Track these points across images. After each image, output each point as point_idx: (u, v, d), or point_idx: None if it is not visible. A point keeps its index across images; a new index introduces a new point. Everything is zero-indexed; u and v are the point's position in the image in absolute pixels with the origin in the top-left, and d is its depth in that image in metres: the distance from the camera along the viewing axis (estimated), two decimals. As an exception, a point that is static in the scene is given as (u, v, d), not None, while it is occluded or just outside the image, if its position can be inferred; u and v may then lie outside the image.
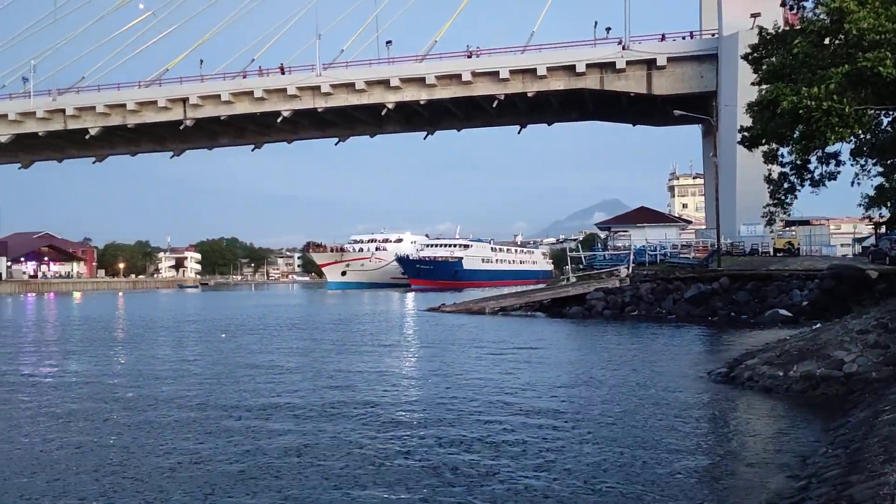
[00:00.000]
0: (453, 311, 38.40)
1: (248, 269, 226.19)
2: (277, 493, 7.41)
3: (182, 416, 11.45)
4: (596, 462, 8.41)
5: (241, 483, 7.77)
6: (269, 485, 7.70)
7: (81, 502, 7.26)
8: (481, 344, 22.14)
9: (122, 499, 7.36)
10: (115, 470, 8.36)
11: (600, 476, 7.85)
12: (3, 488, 7.75)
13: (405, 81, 55.17)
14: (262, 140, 66.83)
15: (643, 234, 48.36)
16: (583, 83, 52.49)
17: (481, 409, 11.69)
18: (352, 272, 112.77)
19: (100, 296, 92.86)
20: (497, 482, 7.67)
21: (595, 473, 7.95)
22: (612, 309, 32.64)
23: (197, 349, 22.22)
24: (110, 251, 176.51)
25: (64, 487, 7.73)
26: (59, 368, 17.89)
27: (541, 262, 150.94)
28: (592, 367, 16.64)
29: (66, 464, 8.67)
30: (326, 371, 16.47)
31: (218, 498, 7.33)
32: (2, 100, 62.68)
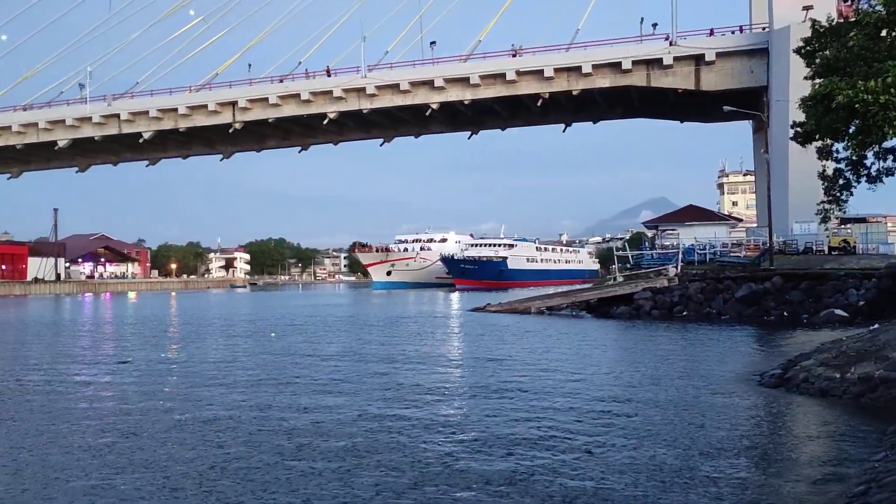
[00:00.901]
0: (498, 311, 38.34)
1: (296, 270, 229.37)
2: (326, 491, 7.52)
3: (235, 413, 11.68)
4: (646, 465, 8.32)
5: (295, 481, 7.90)
6: (321, 484, 7.82)
7: (138, 492, 7.48)
8: (528, 344, 22.09)
9: (174, 492, 7.56)
10: (169, 464, 8.59)
11: (650, 479, 7.77)
12: (71, 477, 8.02)
13: (449, 82, 55.28)
14: (309, 142, 67.73)
15: (692, 232, 47.60)
16: (629, 80, 51.87)
17: (530, 410, 11.66)
18: (397, 272, 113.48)
19: (153, 296, 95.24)
20: (547, 483, 7.65)
21: (645, 476, 7.87)
22: (661, 309, 32.21)
23: (248, 348, 22.63)
24: (163, 252, 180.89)
25: (129, 480, 7.97)
26: (120, 366, 18.39)
27: (586, 262, 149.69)
28: (641, 368, 16.46)
29: (126, 457, 8.93)
30: (375, 370, 16.62)
31: (281, 492, 7.47)
32: (59, 106, 64.67)
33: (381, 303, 59.52)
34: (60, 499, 7.49)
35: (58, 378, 16.33)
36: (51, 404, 12.92)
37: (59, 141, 63.62)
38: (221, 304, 64.15)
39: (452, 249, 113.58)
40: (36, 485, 7.96)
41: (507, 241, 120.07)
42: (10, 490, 7.78)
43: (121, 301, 72.57)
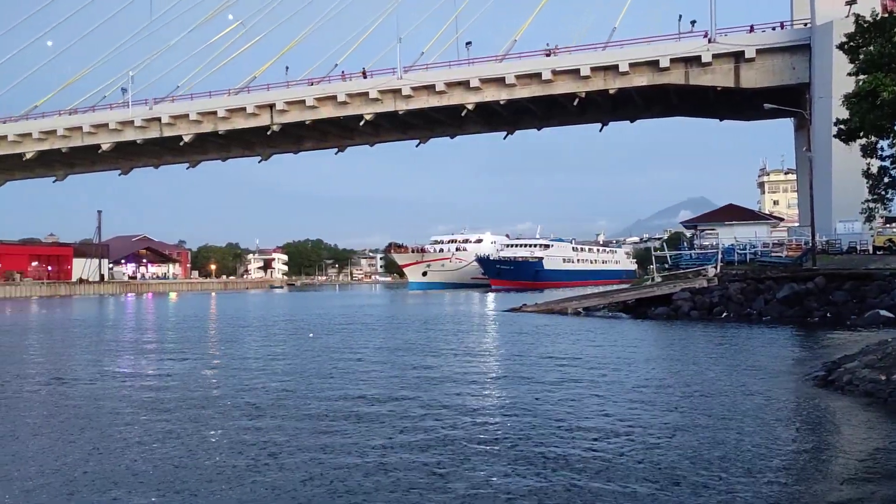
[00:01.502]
0: (535, 312, 38.22)
1: (333, 270, 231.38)
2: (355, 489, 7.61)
3: (275, 411, 11.86)
4: (689, 466, 8.25)
5: (336, 475, 8.02)
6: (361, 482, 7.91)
7: (183, 485, 7.66)
8: (566, 344, 21.99)
9: (228, 483, 7.72)
10: (215, 456, 8.77)
11: (692, 480, 7.71)
12: (115, 474, 8.23)
13: (485, 82, 55.29)
14: (345, 143, 68.31)
15: (731, 232, 46.96)
16: (667, 78, 51.32)
17: (572, 412, 11.62)
18: (432, 272, 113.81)
19: (194, 296, 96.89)
20: (593, 483, 7.65)
21: (687, 477, 7.81)
22: (700, 310, 31.79)
23: (286, 347, 22.93)
24: (203, 253, 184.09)
25: (171, 476, 8.16)
26: (163, 363, 18.79)
27: (624, 262, 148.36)
28: (682, 369, 16.29)
29: (169, 452, 9.14)
30: (413, 370, 16.72)
31: (324, 484, 7.59)
32: (103, 110, 66.19)
33: (417, 303, 59.74)
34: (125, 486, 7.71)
35: (103, 374, 16.77)
36: (105, 398, 13.27)
37: (103, 144, 65.11)
38: (260, 304, 65.01)
39: (488, 250, 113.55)
40: (109, 469, 8.20)
41: (543, 241, 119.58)
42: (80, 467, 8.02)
43: (162, 301, 74.00)
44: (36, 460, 9.03)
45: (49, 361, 20.08)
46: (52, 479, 8.15)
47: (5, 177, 77.72)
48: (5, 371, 17.81)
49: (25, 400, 13.64)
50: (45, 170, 75.14)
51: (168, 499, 7.39)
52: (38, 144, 66.76)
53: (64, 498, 7.51)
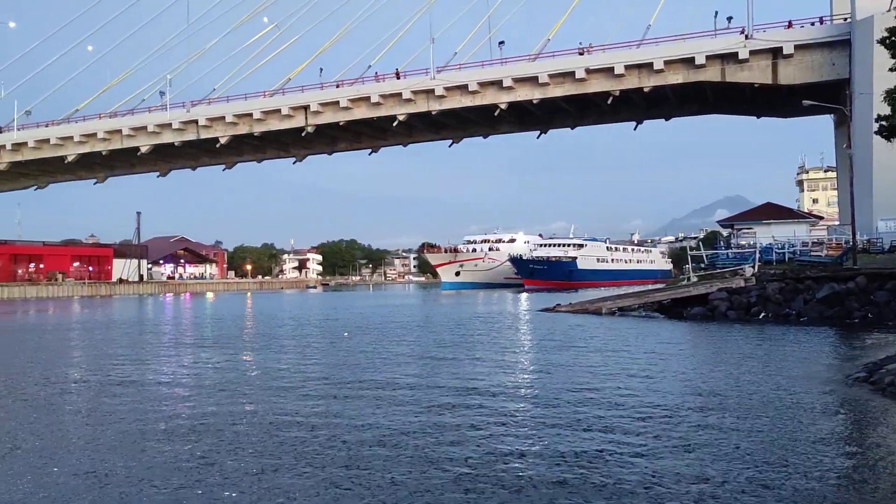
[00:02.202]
0: (569, 312, 38.06)
1: (367, 270, 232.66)
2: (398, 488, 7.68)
3: (314, 408, 12.01)
4: (731, 467, 8.18)
5: (370, 471, 8.11)
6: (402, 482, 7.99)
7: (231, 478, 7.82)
8: (601, 344, 21.87)
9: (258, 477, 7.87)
10: (247, 452, 8.93)
11: (735, 481, 7.65)
12: (157, 470, 8.43)
13: (518, 81, 55.15)
14: (379, 144, 68.66)
15: (769, 231, 46.18)
16: (702, 75, 50.68)
17: (612, 412, 11.57)
18: (465, 272, 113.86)
19: (230, 296, 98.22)
20: (635, 483, 7.63)
21: (730, 479, 7.75)
22: (737, 310, 31.35)
23: (323, 346, 23.17)
24: (239, 253, 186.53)
25: (211, 474, 8.33)
26: (200, 361, 19.12)
27: (659, 262, 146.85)
28: (720, 370, 16.09)
29: (209, 449, 9.32)
30: (448, 369, 16.78)
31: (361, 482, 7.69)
32: (142, 113, 67.44)
33: (450, 303, 59.81)
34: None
35: (144, 372, 17.14)
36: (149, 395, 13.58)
37: (142, 147, 66.35)
38: (295, 304, 65.68)
39: (521, 250, 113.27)
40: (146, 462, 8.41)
41: (577, 240, 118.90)
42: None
43: (200, 301, 75.16)
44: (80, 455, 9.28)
45: (95, 359, 20.55)
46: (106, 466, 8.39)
47: (48, 179, 79.66)
48: (54, 368, 18.29)
49: (65, 396, 14.00)
50: (87, 172, 76.81)
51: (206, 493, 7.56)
52: (80, 147, 68.26)
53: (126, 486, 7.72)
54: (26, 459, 9.05)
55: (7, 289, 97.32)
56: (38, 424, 11.25)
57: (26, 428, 10.98)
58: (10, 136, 69.52)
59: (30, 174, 77.85)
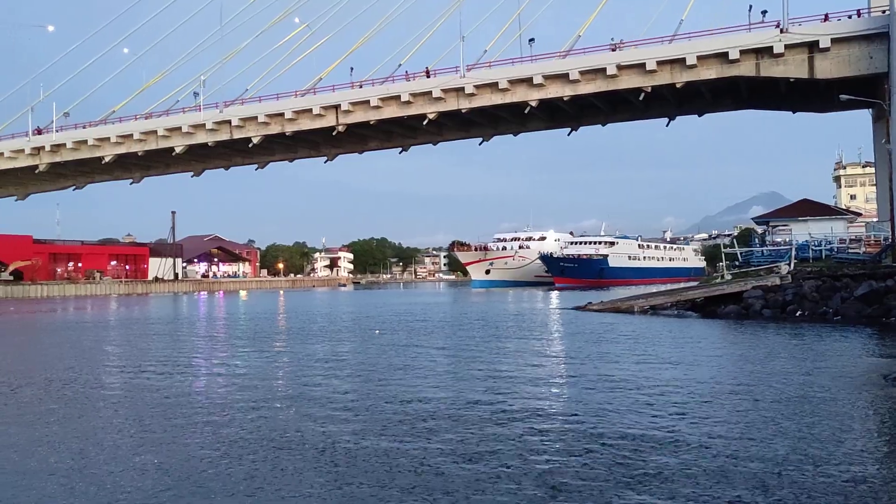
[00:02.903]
0: (600, 310, 37.84)
1: (397, 268, 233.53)
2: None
3: (344, 406, 12.11)
4: (770, 469, 8.09)
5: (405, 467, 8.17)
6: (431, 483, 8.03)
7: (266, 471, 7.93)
8: (633, 344, 21.72)
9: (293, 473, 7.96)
10: (282, 446, 9.05)
11: (774, 483, 7.57)
12: (193, 465, 8.59)
13: (548, 78, 54.83)
14: (409, 142, 68.77)
15: (806, 228, 45.47)
16: (736, 70, 49.89)
17: (643, 411, 11.50)
18: (495, 270, 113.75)
19: (263, 294, 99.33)
20: (670, 484, 7.59)
21: (768, 481, 7.66)
22: (772, 308, 30.88)
23: (354, 344, 23.35)
24: (271, 252, 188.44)
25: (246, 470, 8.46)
26: (236, 356, 19.39)
27: (692, 259, 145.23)
28: (758, 370, 15.84)
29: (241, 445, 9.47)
30: (478, 367, 16.81)
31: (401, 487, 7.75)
32: (176, 114, 68.38)
33: (480, 301, 59.81)
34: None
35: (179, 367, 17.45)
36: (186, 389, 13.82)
37: (176, 147, 67.26)
38: (327, 301, 66.22)
39: (552, 247, 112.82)
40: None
41: (608, 238, 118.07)
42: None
43: (233, 299, 76.10)
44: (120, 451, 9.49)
45: (135, 355, 20.96)
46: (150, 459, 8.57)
47: (86, 179, 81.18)
48: (95, 364, 18.70)
49: (105, 392, 14.29)
50: (123, 172, 78.11)
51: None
52: (116, 148, 69.43)
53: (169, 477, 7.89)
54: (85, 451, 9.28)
55: (47, 287, 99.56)
56: (104, 415, 11.53)
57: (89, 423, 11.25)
58: (49, 137, 71.02)
59: (68, 175, 79.43)
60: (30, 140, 71.56)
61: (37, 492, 7.66)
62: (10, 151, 72.58)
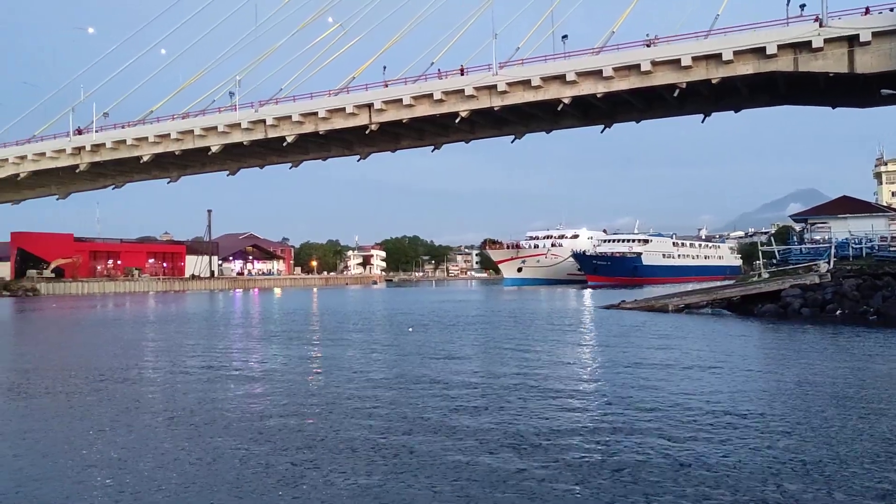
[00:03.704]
0: (634, 309, 37.54)
1: (429, 266, 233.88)
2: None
3: (380, 402, 12.22)
4: (816, 477, 8.00)
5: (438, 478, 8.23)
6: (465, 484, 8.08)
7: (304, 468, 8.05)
8: (668, 343, 21.53)
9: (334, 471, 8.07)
10: (320, 440, 9.17)
11: (816, 490, 7.48)
12: (236, 458, 8.75)
13: (581, 75, 54.44)
14: (441, 141, 68.80)
15: (845, 225, 44.56)
16: (774, 66, 49.04)
17: (685, 416, 11.42)
18: (527, 268, 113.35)
19: (297, 292, 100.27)
20: (714, 488, 7.55)
21: (812, 488, 7.58)
22: (811, 307, 30.36)
23: (387, 341, 23.50)
24: (305, 250, 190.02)
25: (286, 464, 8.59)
26: (275, 354, 19.66)
27: (728, 257, 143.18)
28: (800, 373, 15.53)
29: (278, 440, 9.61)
30: (512, 366, 16.81)
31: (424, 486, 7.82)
32: (212, 113, 69.29)
33: (512, 299, 59.70)
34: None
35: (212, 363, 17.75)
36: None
37: (212, 146, 68.13)
38: (360, 299, 66.66)
39: (584, 245, 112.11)
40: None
41: (642, 236, 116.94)
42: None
43: (268, 297, 76.94)
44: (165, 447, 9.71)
45: (177, 351, 21.36)
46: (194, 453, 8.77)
47: (125, 178, 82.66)
48: (140, 360, 19.11)
49: (148, 387, 14.60)
50: (161, 171, 79.37)
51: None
52: (154, 147, 70.59)
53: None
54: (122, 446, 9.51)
55: (87, 284, 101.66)
56: (146, 407, 11.80)
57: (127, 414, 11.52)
58: (89, 137, 72.46)
59: (108, 174, 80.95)
60: (71, 140, 73.12)
61: (85, 481, 7.88)
62: (52, 151, 74.26)
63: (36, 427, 10.86)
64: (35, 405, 12.75)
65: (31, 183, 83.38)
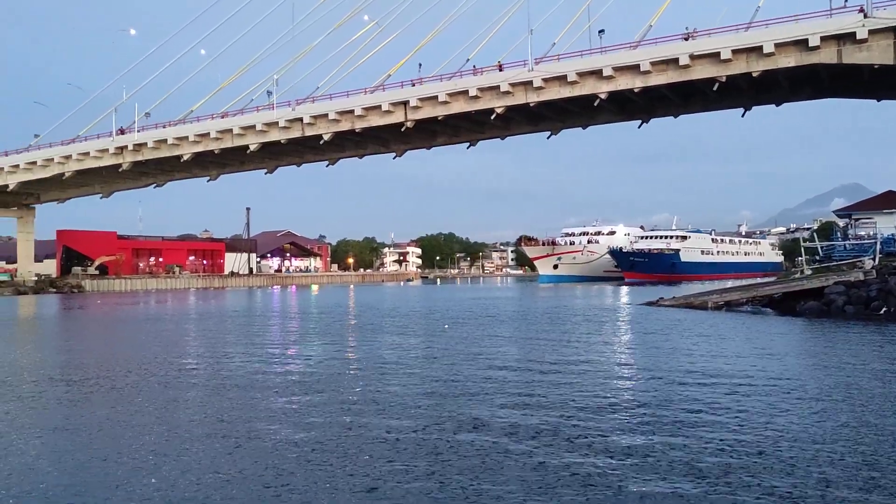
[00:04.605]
0: (672, 306, 37.12)
1: (464, 263, 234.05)
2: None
3: (416, 400, 12.31)
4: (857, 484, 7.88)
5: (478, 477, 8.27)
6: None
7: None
8: (709, 341, 21.27)
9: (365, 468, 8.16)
10: (354, 438, 9.28)
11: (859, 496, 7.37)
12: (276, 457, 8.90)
13: (618, 70, 53.97)
14: (477, 137, 68.80)
15: (891, 221, 43.57)
16: (816, 58, 48.03)
17: (730, 418, 11.32)
18: (563, 265, 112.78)
19: (333, 288, 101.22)
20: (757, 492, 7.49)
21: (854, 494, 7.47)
22: (855, 305, 29.69)
23: (423, 338, 23.61)
24: (342, 247, 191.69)
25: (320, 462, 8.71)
26: (314, 350, 19.88)
27: (768, 254, 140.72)
28: (851, 376, 15.26)
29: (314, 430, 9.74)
30: (548, 364, 16.77)
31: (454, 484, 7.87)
32: (250, 112, 70.24)
33: (548, 296, 59.48)
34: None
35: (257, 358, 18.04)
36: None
37: (251, 145, 69.10)
38: (396, 296, 67.03)
39: (621, 242, 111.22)
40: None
41: (680, 232, 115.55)
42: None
43: (305, 293, 77.77)
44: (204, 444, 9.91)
45: (220, 346, 21.76)
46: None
47: (166, 177, 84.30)
48: (184, 354, 19.50)
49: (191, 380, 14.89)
50: (201, 170, 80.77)
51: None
52: (194, 146, 71.84)
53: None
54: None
55: (130, 281, 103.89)
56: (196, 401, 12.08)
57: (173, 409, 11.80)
58: (131, 137, 74.01)
59: (149, 173, 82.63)
60: (113, 140, 74.77)
61: (127, 467, 8.08)
62: (96, 151, 76.02)
63: (84, 425, 11.16)
64: (84, 400, 13.10)
65: (75, 182, 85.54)
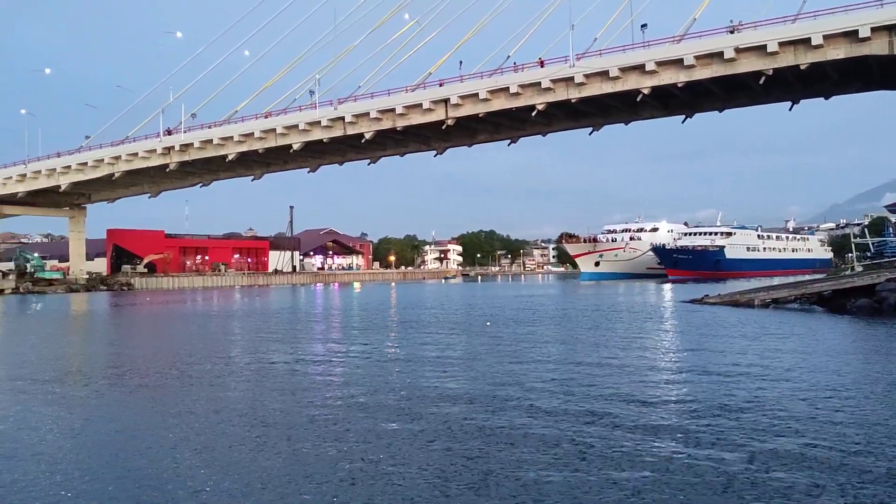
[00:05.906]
0: (717, 303, 36.58)
1: (506, 261, 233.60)
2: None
3: (453, 391, 12.43)
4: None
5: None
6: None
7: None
8: (757, 340, 20.97)
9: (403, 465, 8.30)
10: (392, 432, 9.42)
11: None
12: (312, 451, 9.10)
13: (661, 65, 53.30)
14: (518, 134, 68.61)
15: (947, 216, 42.17)
16: (867, 49, 46.80)
17: (779, 425, 11.20)
18: (605, 262, 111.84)
19: (375, 286, 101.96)
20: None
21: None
22: (908, 302, 28.90)
23: (465, 335, 23.73)
24: (383, 245, 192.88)
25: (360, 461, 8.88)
26: (357, 346, 20.16)
27: (817, 250, 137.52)
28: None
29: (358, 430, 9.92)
30: (591, 363, 16.75)
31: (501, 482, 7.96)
32: (293, 112, 71.16)
33: (590, 293, 59.07)
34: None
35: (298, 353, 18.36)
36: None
37: (294, 144, 70.02)
38: (437, 293, 67.29)
39: (664, 239, 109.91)
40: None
41: (725, 228, 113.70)
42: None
43: (348, 291, 78.54)
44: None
45: (266, 342, 22.20)
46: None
47: (212, 177, 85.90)
48: (233, 351, 19.96)
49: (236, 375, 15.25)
50: (245, 169, 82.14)
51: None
52: (239, 146, 73.07)
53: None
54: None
55: (177, 279, 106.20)
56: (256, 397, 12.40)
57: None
58: (178, 137, 75.59)
59: (196, 172, 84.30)
60: (161, 140, 76.44)
61: (171, 460, 8.36)
62: (144, 151, 77.82)
63: (132, 423, 11.53)
64: (132, 397, 13.53)
65: (124, 182, 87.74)
